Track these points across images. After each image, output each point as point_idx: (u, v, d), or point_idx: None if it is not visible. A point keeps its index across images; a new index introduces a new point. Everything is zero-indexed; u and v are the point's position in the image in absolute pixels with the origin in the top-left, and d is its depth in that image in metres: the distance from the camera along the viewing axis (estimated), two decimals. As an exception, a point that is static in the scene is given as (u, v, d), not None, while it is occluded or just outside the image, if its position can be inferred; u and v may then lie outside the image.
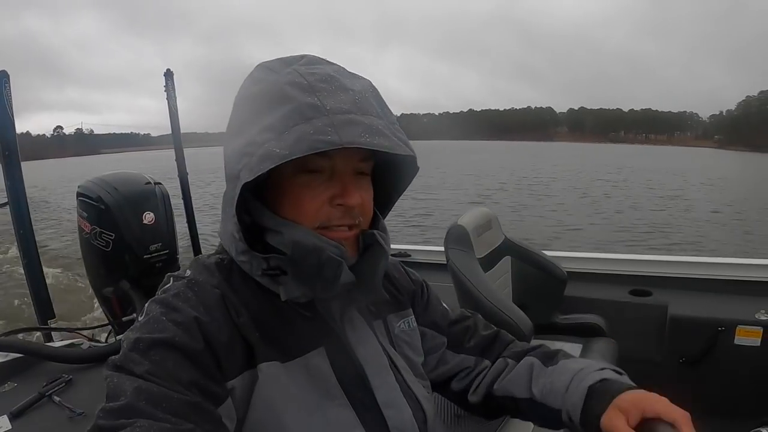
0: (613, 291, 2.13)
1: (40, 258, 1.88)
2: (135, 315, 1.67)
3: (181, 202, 2.35)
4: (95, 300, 1.98)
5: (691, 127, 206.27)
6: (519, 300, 1.93)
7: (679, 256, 2.27)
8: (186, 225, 2.41)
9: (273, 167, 0.57)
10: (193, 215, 2.43)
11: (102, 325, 1.94)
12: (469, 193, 15.92)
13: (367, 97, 0.59)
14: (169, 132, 2.37)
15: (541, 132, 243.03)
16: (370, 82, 0.63)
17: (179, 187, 2.38)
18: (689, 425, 0.57)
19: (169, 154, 2.38)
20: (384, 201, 0.73)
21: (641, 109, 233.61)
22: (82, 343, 1.59)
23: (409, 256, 2.66)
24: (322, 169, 0.61)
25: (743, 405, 1.80)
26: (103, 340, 1.86)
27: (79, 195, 1.78)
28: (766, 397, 1.75)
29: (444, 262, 1.74)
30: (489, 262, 1.86)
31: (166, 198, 1.86)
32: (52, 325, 1.85)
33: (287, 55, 0.64)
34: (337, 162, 0.61)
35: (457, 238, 1.74)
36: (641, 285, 2.13)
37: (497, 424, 1.17)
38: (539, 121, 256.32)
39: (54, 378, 1.28)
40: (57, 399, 1.20)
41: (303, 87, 0.57)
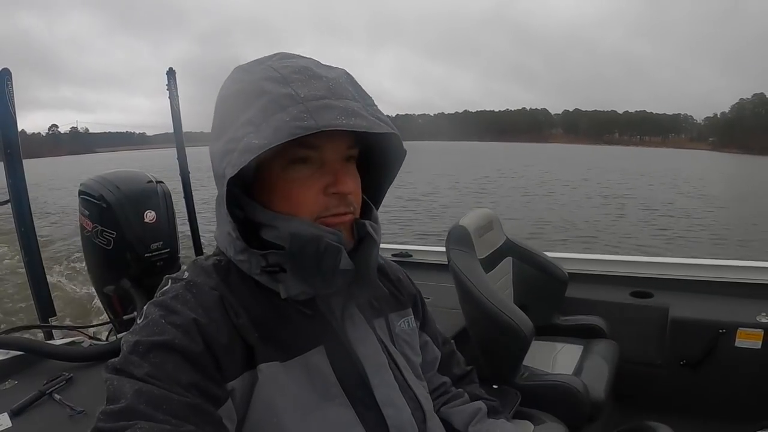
0: (614, 292, 2.13)
1: (41, 256, 1.88)
2: (135, 313, 1.67)
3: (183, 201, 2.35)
4: (96, 298, 1.97)
5: (686, 129, 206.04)
6: (520, 301, 1.93)
7: (681, 258, 2.27)
8: (188, 224, 2.41)
9: (260, 163, 0.59)
10: (195, 214, 2.43)
11: (103, 324, 1.95)
12: (416, 192, 15.87)
13: (342, 83, 0.60)
14: (165, 131, 2.37)
15: (537, 133, 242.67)
16: (344, 70, 0.64)
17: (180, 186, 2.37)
18: None
19: (164, 153, 2.38)
20: (375, 192, 0.74)
21: (636, 111, 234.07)
22: (82, 342, 1.59)
23: (411, 256, 2.66)
24: (311, 160, 0.61)
25: (744, 408, 1.80)
26: (104, 338, 1.87)
27: (81, 193, 1.78)
28: (766, 400, 1.75)
29: (445, 262, 1.74)
30: (490, 262, 1.86)
31: (167, 197, 1.87)
32: (53, 323, 1.84)
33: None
34: (326, 151, 0.61)
35: (459, 238, 1.73)
36: (642, 287, 2.13)
37: None
38: (534, 123, 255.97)
39: (54, 376, 1.28)
40: (57, 397, 1.19)
41: (277, 80, 0.58)
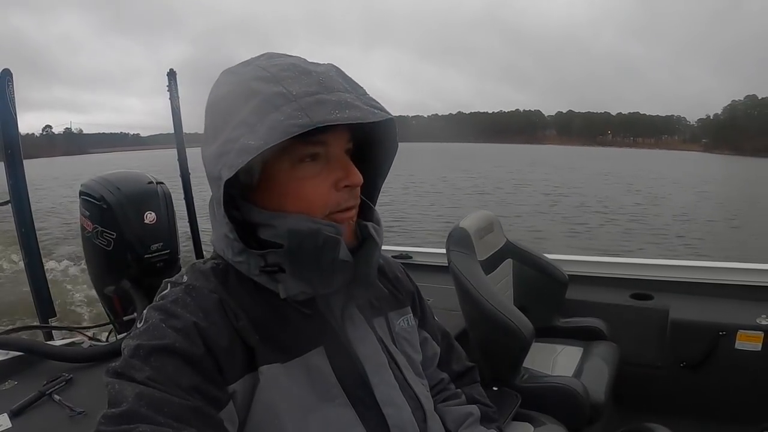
0: (615, 294, 2.13)
1: (41, 256, 1.88)
2: (135, 314, 1.67)
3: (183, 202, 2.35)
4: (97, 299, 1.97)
5: (679, 131, 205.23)
6: (520, 303, 1.93)
7: (681, 260, 2.27)
8: (188, 225, 2.41)
9: (263, 163, 0.60)
10: (195, 215, 2.43)
11: (103, 324, 1.94)
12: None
13: (332, 76, 0.60)
14: (160, 132, 2.38)
15: (530, 135, 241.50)
16: (332, 64, 0.64)
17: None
18: None
19: (158, 153, 2.38)
20: (370, 190, 0.74)
21: (629, 113, 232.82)
22: (82, 342, 1.60)
23: (411, 257, 2.66)
24: (319, 156, 0.61)
25: (744, 410, 1.80)
26: (104, 339, 1.86)
27: (82, 194, 1.78)
28: (766, 403, 1.75)
29: (445, 264, 1.74)
30: (490, 264, 1.85)
31: (167, 197, 1.86)
32: (52, 324, 1.84)
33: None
34: (331, 145, 0.62)
35: (459, 240, 1.73)
36: (642, 289, 2.13)
37: None
38: (528, 124, 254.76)
39: (54, 377, 1.28)
40: (57, 398, 1.19)
41: (267, 79, 0.58)
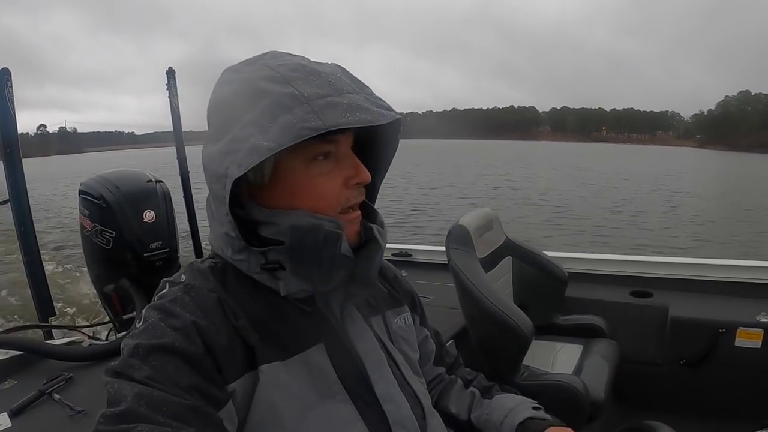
0: (614, 292, 2.13)
1: (41, 255, 1.88)
2: (135, 313, 1.67)
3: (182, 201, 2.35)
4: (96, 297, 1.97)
5: (674, 127, 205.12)
6: (520, 300, 1.93)
7: (681, 257, 2.27)
8: (187, 224, 2.41)
9: (275, 162, 0.60)
10: (195, 213, 2.42)
11: (103, 323, 1.94)
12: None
13: (340, 77, 0.61)
14: (154, 131, 2.37)
15: (525, 131, 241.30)
16: (336, 64, 0.65)
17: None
18: None
19: (154, 152, 2.38)
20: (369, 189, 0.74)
21: (623, 109, 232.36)
22: (82, 341, 1.59)
23: (411, 255, 2.66)
24: (329, 155, 0.63)
25: (743, 407, 1.80)
26: (104, 338, 1.87)
27: (81, 192, 1.78)
28: (766, 400, 1.75)
29: (445, 262, 1.74)
30: (490, 262, 1.85)
31: (167, 196, 1.86)
32: (52, 323, 1.84)
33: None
34: (341, 144, 0.63)
35: (459, 238, 1.73)
36: (642, 286, 2.13)
37: None
38: (522, 120, 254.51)
39: (54, 376, 1.28)
40: (57, 397, 1.19)
41: (277, 79, 0.59)
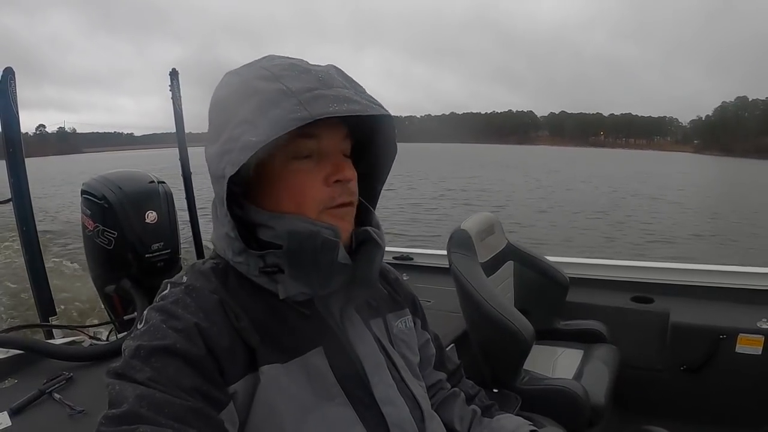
0: (615, 297, 2.13)
1: (42, 255, 1.88)
2: (136, 314, 1.67)
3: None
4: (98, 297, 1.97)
5: (672, 132, 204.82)
6: (521, 305, 1.93)
7: (682, 263, 2.26)
8: (189, 225, 2.41)
9: (260, 161, 0.60)
10: (197, 214, 2.43)
11: (103, 323, 1.94)
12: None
13: (331, 74, 0.61)
14: (153, 132, 2.38)
15: (523, 135, 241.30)
16: (332, 65, 0.65)
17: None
18: None
19: (153, 153, 2.38)
20: (369, 196, 0.74)
21: (621, 114, 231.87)
22: (83, 341, 1.59)
23: (412, 259, 2.66)
24: (310, 153, 0.62)
25: (744, 413, 1.80)
26: (105, 338, 1.86)
27: (84, 193, 1.78)
28: (766, 406, 1.75)
29: (446, 266, 1.74)
30: (491, 266, 1.85)
31: (169, 197, 1.86)
32: (53, 323, 1.84)
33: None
34: (323, 142, 0.62)
35: (460, 242, 1.73)
36: (643, 292, 2.13)
37: None
38: (520, 125, 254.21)
39: (54, 375, 1.28)
40: (57, 396, 1.19)
41: (268, 77, 0.60)
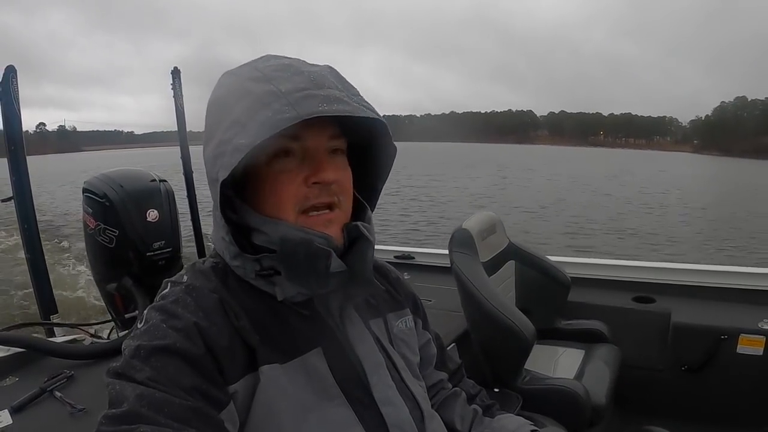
0: (617, 297, 2.13)
1: (44, 253, 1.88)
2: (137, 312, 1.67)
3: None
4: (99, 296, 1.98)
5: (672, 132, 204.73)
6: (522, 304, 1.92)
7: (683, 263, 2.26)
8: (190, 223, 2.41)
9: (247, 162, 0.59)
10: (198, 213, 2.43)
11: (104, 322, 1.94)
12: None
13: (324, 75, 0.60)
14: (154, 130, 2.38)
15: (522, 135, 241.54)
16: (328, 65, 0.64)
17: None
18: None
19: (154, 152, 2.38)
20: (371, 193, 0.74)
21: (621, 114, 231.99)
22: (84, 339, 1.60)
23: (413, 258, 2.66)
24: (293, 152, 0.61)
25: (745, 414, 1.80)
26: (106, 336, 1.87)
27: (85, 191, 1.78)
28: (767, 407, 1.75)
29: (448, 265, 1.74)
30: (493, 266, 1.85)
31: (170, 196, 1.86)
32: (54, 321, 1.85)
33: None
34: (307, 142, 0.61)
35: (462, 241, 1.73)
36: (645, 292, 2.13)
37: None
38: (520, 124, 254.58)
39: (56, 373, 1.28)
40: (58, 394, 1.19)
41: (259, 78, 0.59)
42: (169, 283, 0.63)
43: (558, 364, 1.81)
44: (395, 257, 2.65)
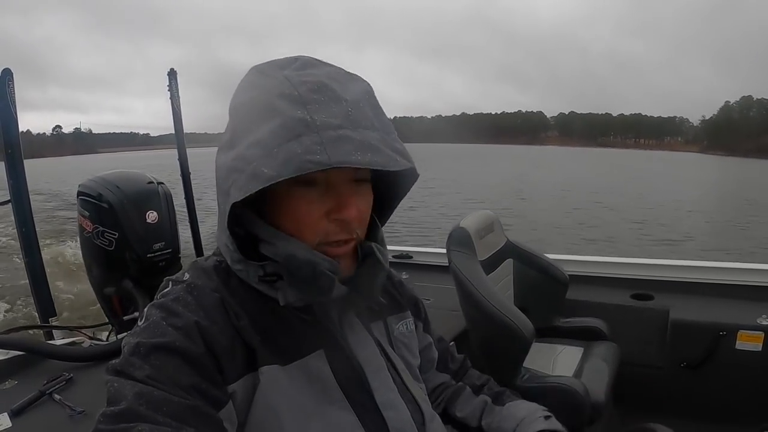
0: (615, 294, 2.13)
1: (42, 256, 1.88)
2: (137, 314, 1.67)
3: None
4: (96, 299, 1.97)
5: (682, 132, 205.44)
6: (520, 303, 1.92)
7: (682, 260, 2.27)
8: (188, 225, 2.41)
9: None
10: (195, 214, 2.43)
11: (103, 324, 1.94)
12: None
13: (362, 107, 0.56)
14: (169, 132, 2.38)
15: (532, 136, 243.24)
16: (366, 85, 0.60)
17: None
18: None
19: (166, 153, 2.39)
20: (383, 206, 0.72)
21: (630, 114, 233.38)
22: (83, 342, 1.59)
23: (411, 257, 2.66)
24: (317, 182, 0.59)
25: (744, 410, 1.80)
26: (104, 338, 1.86)
27: (80, 194, 1.77)
28: (766, 403, 1.75)
29: (446, 264, 1.74)
30: (491, 264, 1.85)
31: (168, 197, 1.87)
32: (53, 323, 1.84)
33: (280, 58, 0.61)
34: (332, 173, 0.58)
35: (460, 240, 1.73)
36: (643, 289, 2.13)
37: None
38: (530, 125, 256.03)
39: (55, 376, 1.28)
40: (57, 397, 1.19)
41: (293, 99, 0.54)
42: (171, 281, 0.63)
43: (557, 362, 1.81)
44: (393, 257, 2.64)
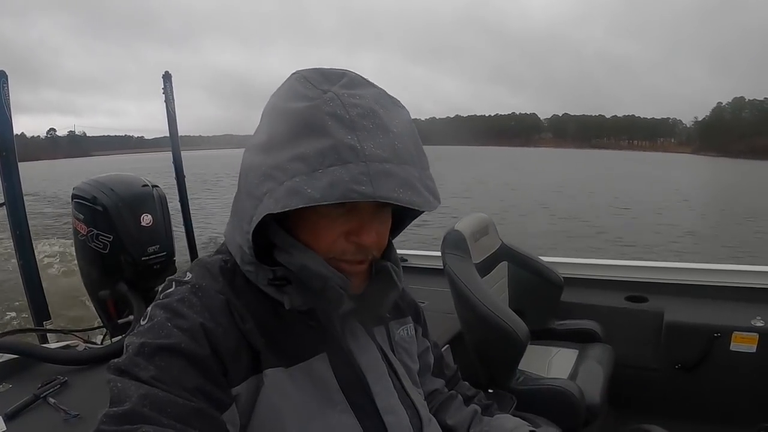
0: (610, 297, 2.14)
1: (36, 259, 1.87)
2: (131, 317, 1.67)
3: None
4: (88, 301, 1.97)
5: (676, 133, 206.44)
6: (515, 305, 1.93)
7: (676, 262, 2.28)
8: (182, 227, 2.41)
9: None
10: (190, 217, 2.43)
11: (97, 327, 1.94)
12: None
13: (406, 141, 0.56)
14: (164, 135, 2.38)
15: (526, 138, 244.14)
16: (407, 113, 0.60)
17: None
18: None
19: (162, 156, 2.39)
20: (397, 223, 0.71)
21: (624, 116, 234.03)
22: (77, 345, 1.59)
23: (406, 261, 2.65)
24: (342, 204, 0.58)
25: (739, 411, 1.81)
26: (99, 341, 1.86)
27: (75, 197, 1.77)
28: (761, 404, 1.76)
29: (441, 267, 1.74)
30: (486, 267, 1.86)
31: (163, 200, 1.86)
32: (47, 327, 1.84)
33: (326, 68, 0.60)
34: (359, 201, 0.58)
35: (454, 243, 1.74)
36: (637, 291, 2.14)
37: None
38: (524, 127, 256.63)
39: (49, 380, 1.27)
40: (52, 401, 1.19)
41: (344, 122, 0.53)
42: (174, 282, 0.63)
43: (552, 364, 1.82)
44: None
